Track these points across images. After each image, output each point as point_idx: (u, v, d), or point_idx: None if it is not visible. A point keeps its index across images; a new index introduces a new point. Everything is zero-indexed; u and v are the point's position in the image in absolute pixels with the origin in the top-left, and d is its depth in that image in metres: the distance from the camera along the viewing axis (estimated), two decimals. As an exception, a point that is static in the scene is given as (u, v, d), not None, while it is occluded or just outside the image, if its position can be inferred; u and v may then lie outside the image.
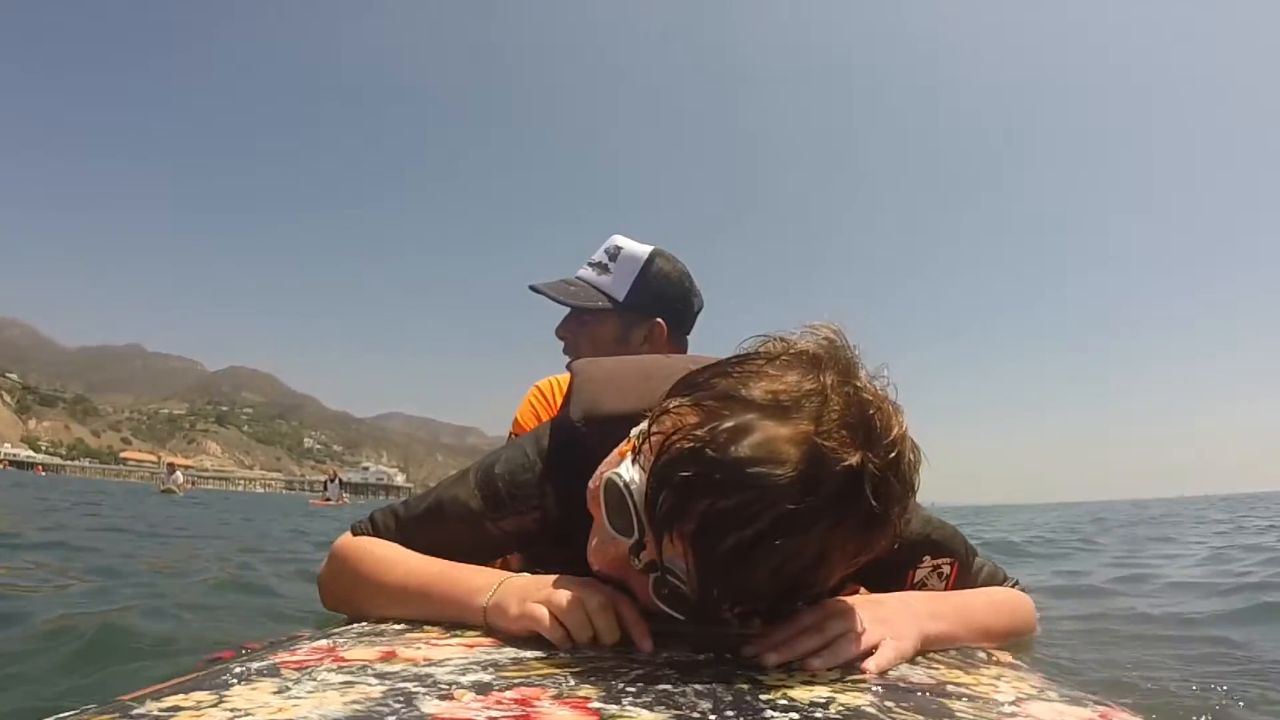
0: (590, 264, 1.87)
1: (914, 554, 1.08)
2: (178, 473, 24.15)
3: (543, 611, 0.84)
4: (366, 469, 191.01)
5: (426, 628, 0.93)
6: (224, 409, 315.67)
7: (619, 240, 1.86)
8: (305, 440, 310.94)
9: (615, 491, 0.82)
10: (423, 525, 1.09)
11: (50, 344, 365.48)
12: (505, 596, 0.90)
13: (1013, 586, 1.21)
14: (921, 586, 1.10)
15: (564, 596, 0.85)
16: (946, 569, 1.11)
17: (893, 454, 0.75)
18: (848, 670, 0.77)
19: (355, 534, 1.13)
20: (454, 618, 0.94)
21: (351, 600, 1.09)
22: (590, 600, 0.84)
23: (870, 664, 0.79)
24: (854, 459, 0.72)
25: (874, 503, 0.73)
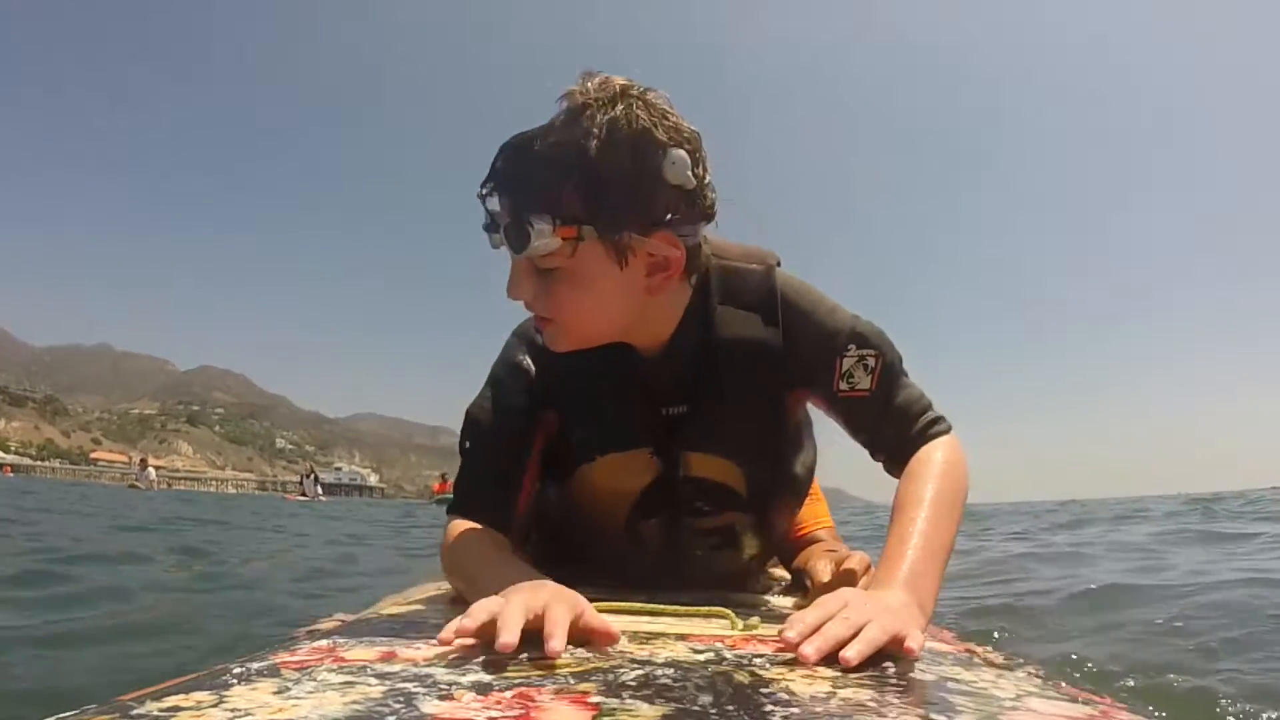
0: None
1: (840, 341, 1.14)
2: (150, 469, 24.08)
3: (479, 609, 0.77)
4: (339, 469, 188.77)
5: (426, 628, 0.93)
6: (195, 409, 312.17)
7: None
8: (277, 440, 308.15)
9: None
10: (475, 456, 1.20)
11: (18, 344, 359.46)
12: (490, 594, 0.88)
13: (946, 431, 1.17)
14: (849, 376, 1.14)
15: (530, 599, 0.79)
16: (872, 361, 1.14)
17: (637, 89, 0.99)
18: (844, 664, 0.74)
19: (449, 513, 1.18)
20: None
21: (449, 575, 1.16)
22: (554, 609, 0.78)
23: (912, 644, 0.77)
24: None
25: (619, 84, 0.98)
